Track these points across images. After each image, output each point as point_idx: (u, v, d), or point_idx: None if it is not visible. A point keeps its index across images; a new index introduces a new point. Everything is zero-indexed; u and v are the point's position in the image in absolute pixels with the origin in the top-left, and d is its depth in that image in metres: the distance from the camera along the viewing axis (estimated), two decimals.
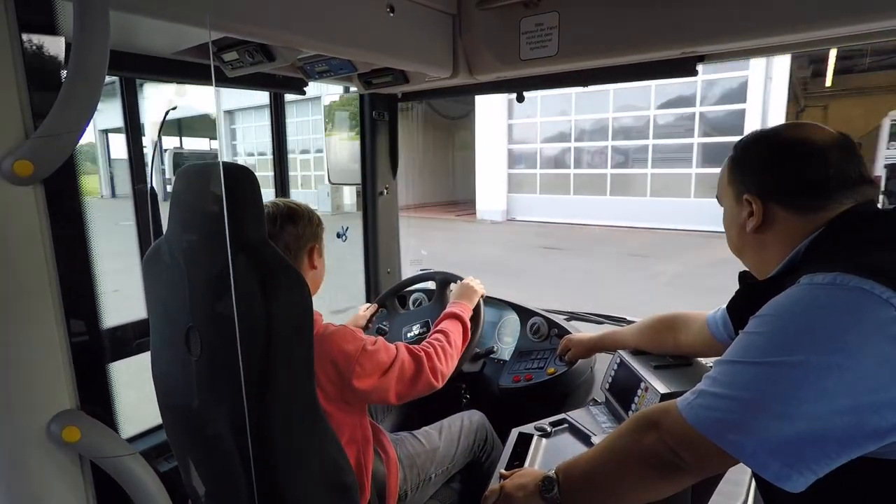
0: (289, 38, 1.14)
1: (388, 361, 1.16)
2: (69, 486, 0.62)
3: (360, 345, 1.13)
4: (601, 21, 1.29)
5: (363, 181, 2.10)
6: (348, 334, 1.13)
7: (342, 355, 1.10)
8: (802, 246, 0.80)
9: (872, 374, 0.62)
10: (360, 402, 1.18)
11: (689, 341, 1.26)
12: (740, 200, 0.88)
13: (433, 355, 1.24)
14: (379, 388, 1.14)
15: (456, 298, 1.55)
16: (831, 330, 0.65)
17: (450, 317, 1.45)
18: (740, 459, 0.68)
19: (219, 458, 0.99)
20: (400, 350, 1.20)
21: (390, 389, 1.16)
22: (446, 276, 1.84)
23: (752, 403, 0.68)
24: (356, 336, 1.14)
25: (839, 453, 0.63)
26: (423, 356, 1.22)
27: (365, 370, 1.12)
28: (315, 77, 1.61)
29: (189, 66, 1.41)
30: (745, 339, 0.73)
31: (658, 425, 0.77)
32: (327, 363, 1.09)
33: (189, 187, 0.95)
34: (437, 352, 1.26)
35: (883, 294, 0.63)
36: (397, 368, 1.17)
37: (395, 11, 1.29)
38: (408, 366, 1.19)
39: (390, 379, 1.16)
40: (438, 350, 1.27)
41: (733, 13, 1.12)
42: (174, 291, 0.98)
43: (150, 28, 1.14)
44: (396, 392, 1.18)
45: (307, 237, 1.18)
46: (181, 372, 0.98)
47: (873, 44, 1.16)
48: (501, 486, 0.99)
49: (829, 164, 0.81)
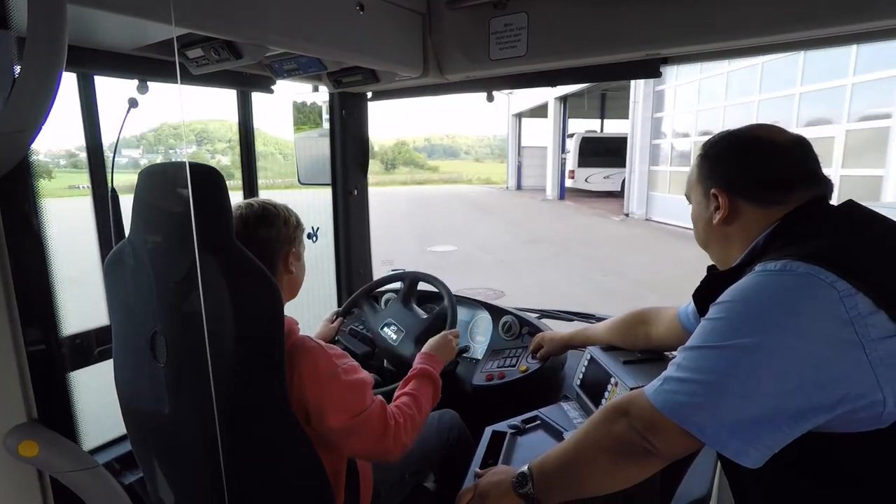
0: (256, 35, 1.12)
1: (359, 406, 1.03)
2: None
3: (334, 370, 1.01)
4: (568, 22, 1.31)
5: (333, 181, 2.08)
6: (323, 354, 1.02)
7: (313, 377, 0.99)
8: (762, 238, 0.86)
9: (819, 353, 0.66)
10: (328, 438, 1.03)
11: (660, 334, 1.30)
12: (708, 195, 0.93)
13: (402, 427, 1.09)
14: (350, 430, 1.01)
15: (432, 351, 1.39)
16: (782, 313, 0.70)
17: (424, 377, 1.29)
18: (702, 440, 0.72)
19: (187, 466, 0.97)
20: (374, 406, 1.06)
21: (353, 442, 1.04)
22: (416, 276, 1.84)
23: (713, 385, 0.72)
24: (333, 360, 1.02)
25: (792, 428, 0.68)
26: (393, 425, 1.07)
27: (334, 403, 1.00)
28: (283, 75, 1.58)
29: (152, 63, 1.36)
30: (707, 325, 0.76)
31: (628, 412, 0.80)
32: (297, 382, 0.98)
33: (153, 188, 0.92)
34: (407, 424, 1.12)
35: (828, 279, 0.68)
36: (362, 419, 1.02)
37: (364, 10, 1.28)
38: (373, 424, 1.04)
39: (358, 425, 1.02)
40: (408, 422, 1.12)
41: (694, 17, 1.17)
42: (138, 295, 0.94)
43: (110, 22, 1.10)
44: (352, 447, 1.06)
45: (282, 241, 1.11)
46: (147, 379, 0.95)
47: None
48: (476, 485, 0.99)
49: (790, 162, 0.87)
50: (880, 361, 0.64)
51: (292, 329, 1.03)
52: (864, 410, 0.66)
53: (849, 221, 0.80)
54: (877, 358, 0.64)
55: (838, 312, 0.66)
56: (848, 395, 0.65)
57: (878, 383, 0.64)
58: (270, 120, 2.08)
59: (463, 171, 49.73)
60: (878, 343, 0.65)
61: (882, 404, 0.65)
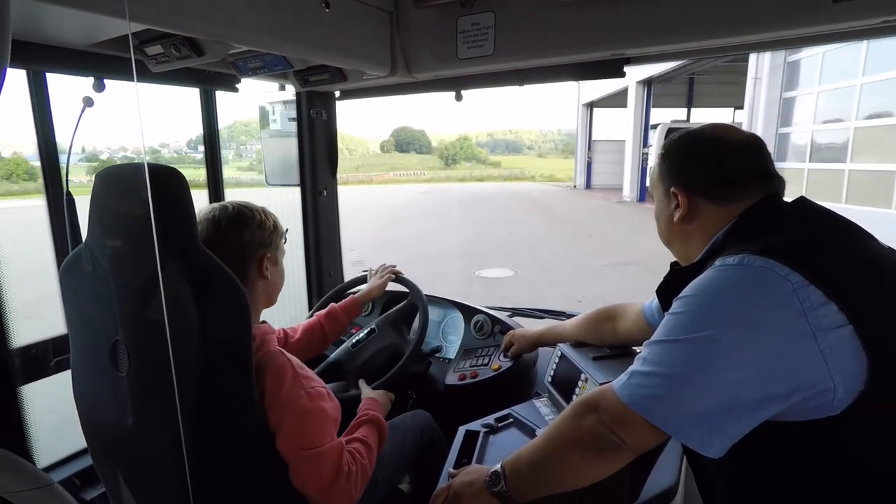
0: (217, 32, 1.08)
1: (313, 441, 0.96)
2: None
3: (297, 393, 0.95)
4: (535, 22, 1.32)
5: (301, 181, 2.05)
6: (290, 373, 0.96)
7: (274, 394, 0.94)
8: (720, 234, 0.88)
9: (775, 343, 0.69)
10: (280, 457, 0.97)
11: (627, 329, 1.33)
12: (669, 194, 0.96)
13: (353, 478, 1.02)
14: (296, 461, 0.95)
15: (377, 398, 1.33)
16: (740, 305, 0.72)
17: (374, 424, 1.21)
18: (667, 431, 0.74)
19: (153, 479, 0.93)
20: (332, 445, 0.99)
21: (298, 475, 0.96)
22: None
23: (677, 378, 0.74)
24: (300, 381, 0.97)
25: (751, 417, 0.71)
26: (346, 473, 1.00)
27: (289, 426, 0.94)
28: (248, 74, 1.54)
29: (107, 60, 1.31)
30: (669, 319, 0.78)
31: (597, 408, 0.82)
32: (260, 393, 0.93)
33: (111, 190, 0.89)
34: (359, 475, 1.04)
35: (782, 272, 0.70)
36: (313, 454, 0.96)
37: (330, 7, 1.26)
38: (326, 468, 0.97)
39: (308, 459, 0.96)
40: (360, 473, 1.04)
41: (655, 20, 1.20)
42: (97, 302, 0.91)
43: (62, 17, 1.05)
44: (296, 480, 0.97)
45: (256, 245, 1.06)
46: (108, 390, 0.91)
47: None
48: (449, 485, 0.99)
49: (744, 161, 0.90)
50: (830, 351, 0.67)
51: (265, 338, 1.00)
52: (816, 398, 0.68)
53: (801, 217, 0.84)
54: (827, 347, 0.67)
55: (792, 304, 0.69)
56: (802, 384, 0.68)
57: (828, 372, 0.67)
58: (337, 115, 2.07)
59: (525, 167, 48.84)
60: (828, 333, 0.67)
61: (833, 392, 0.68)
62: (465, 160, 64.56)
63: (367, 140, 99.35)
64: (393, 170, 50.90)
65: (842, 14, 1.01)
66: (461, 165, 59.48)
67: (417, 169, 51.12)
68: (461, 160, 64.14)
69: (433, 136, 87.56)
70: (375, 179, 43.33)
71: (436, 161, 63.03)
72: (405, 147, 79.59)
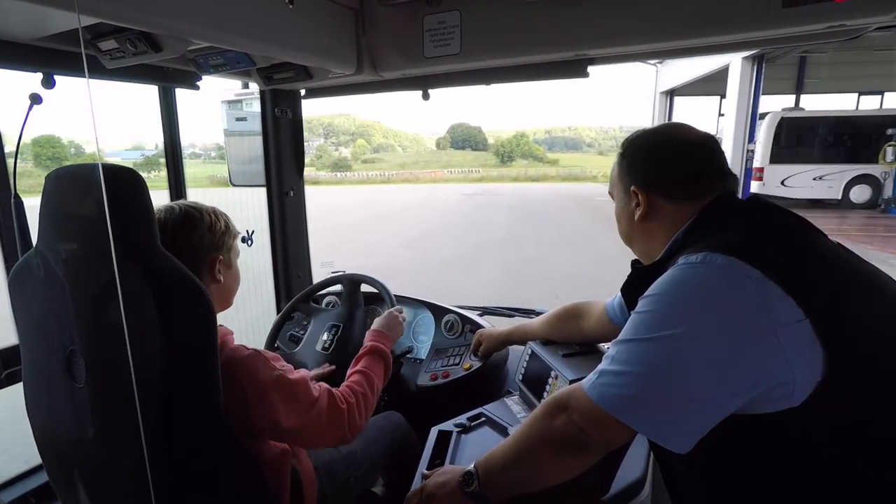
0: (174, 27, 1.04)
1: (308, 403, 1.02)
2: None
3: (274, 375, 0.98)
4: (500, 22, 1.33)
5: (267, 182, 2.00)
6: (260, 361, 0.98)
7: (254, 385, 0.95)
8: (680, 232, 0.91)
9: (739, 339, 0.71)
10: (281, 439, 1.04)
11: (591, 327, 1.35)
12: (629, 193, 0.98)
13: (355, 408, 1.10)
14: (304, 428, 1.01)
15: (381, 328, 1.40)
16: (704, 303, 0.74)
17: (374, 354, 1.29)
18: (636, 429, 0.76)
19: (116, 493, 0.90)
20: (322, 397, 1.05)
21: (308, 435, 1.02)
22: (355, 277, 1.80)
23: (645, 376, 0.75)
24: (270, 364, 0.99)
25: (717, 412, 0.73)
26: (345, 409, 1.07)
27: (283, 406, 0.97)
28: (209, 71, 1.49)
29: (57, 55, 1.24)
30: (635, 318, 0.80)
31: (567, 407, 0.83)
32: (237, 393, 0.93)
33: (63, 192, 0.85)
34: (360, 404, 1.12)
35: (743, 269, 0.73)
36: (315, 413, 1.02)
37: (294, 3, 1.23)
38: (325, 416, 1.04)
39: (313, 419, 1.02)
40: (361, 402, 1.12)
41: (618, 22, 1.22)
42: (51, 311, 0.87)
43: (5, 8, 0.99)
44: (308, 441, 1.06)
45: (206, 248, 1.03)
46: (63, 402, 0.87)
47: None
48: (423, 487, 0.99)
49: (699, 159, 0.93)
50: (789, 344, 0.70)
51: (225, 340, 0.98)
52: (777, 390, 0.71)
53: (756, 214, 0.87)
54: (787, 341, 0.70)
55: (753, 300, 0.71)
56: (764, 377, 0.70)
57: (788, 364, 0.70)
58: (393, 113, 1.87)
59: (585, 165, 45.60)
60: (787, 327, 0.70)
61: (792, 384, 0.70)
62: (522, 157, 61.86)
63: (424, 137, 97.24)
64: (448, 167, 48.46)
65: (790, 19, 1.06)
66: (517, 163, 56.58)
67: (472, 166, 48.41)
68: (517, 157, 61.51)
69: (490, 133, 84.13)
70: (423, 178, 39.12)
71: (490, 158, 60.64)
72: (461, 144, 77.40)
